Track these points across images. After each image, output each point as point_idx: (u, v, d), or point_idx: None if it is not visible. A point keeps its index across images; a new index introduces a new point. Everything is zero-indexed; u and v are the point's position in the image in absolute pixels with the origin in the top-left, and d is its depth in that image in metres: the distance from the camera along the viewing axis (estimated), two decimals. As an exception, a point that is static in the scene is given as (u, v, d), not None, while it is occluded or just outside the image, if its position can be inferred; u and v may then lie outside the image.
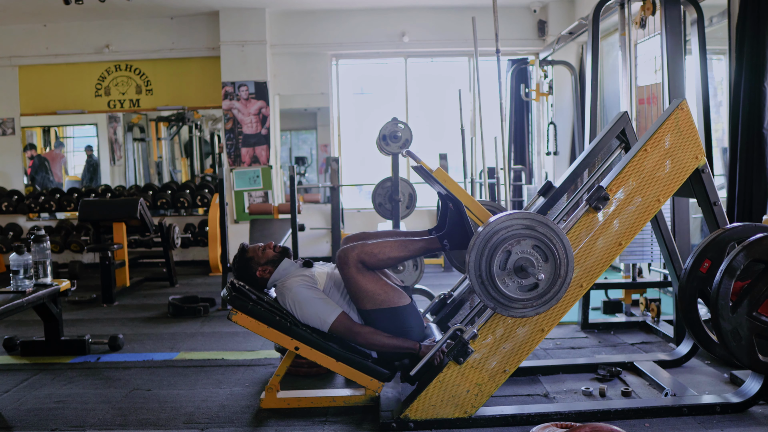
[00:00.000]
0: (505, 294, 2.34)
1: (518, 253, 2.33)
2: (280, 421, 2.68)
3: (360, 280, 2.68)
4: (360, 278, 2.68)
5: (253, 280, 2.94)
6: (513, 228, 2.33)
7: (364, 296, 2.69)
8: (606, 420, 2.56)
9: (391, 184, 5.35)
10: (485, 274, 2.34)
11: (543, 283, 2.34)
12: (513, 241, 2.33)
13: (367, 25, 7.38)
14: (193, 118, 7.91)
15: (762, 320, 2.39)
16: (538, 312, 2.39)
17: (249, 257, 2.95)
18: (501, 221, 2.34)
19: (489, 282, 2.34)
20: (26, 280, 3.48)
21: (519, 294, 2.35)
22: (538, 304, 2.37)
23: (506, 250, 2.33)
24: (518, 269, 2.34)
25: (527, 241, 2.33)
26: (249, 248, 2.98)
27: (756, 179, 3.54)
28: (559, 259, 2.34)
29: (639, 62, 4.90)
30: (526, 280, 2.35)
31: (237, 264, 2.97)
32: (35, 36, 7.48)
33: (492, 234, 2.34)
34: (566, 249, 2.35)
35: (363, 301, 2.70)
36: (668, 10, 3.67)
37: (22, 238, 7.31)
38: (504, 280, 2.34)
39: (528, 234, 2.33)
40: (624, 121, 3.07)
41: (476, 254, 2.34)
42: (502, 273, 2.34)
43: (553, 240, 2.33)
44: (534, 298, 2.36)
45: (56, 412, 2.83)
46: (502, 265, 2.34)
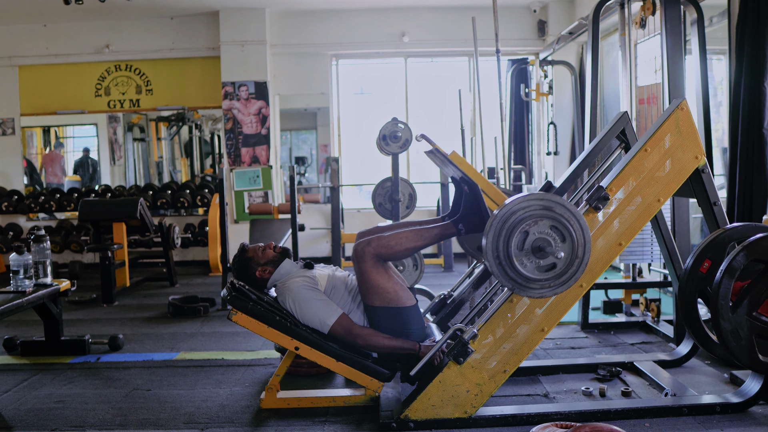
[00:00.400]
0: (522, 274, 2.35)
1: (536, 233, 2.34)
2: (280, 421, 2.68)
3: (374, 275, 2.68)
4: (374, 273, 2.68)
5: (253, 280, 2.94)
6: (530, 208, 2.35)
7: (375, 292, 2.69)
8: (606, 420, 2.56)
9: (391, 184, 5.36)
10: (503, 255, 2.34)
11: (561, 263, 2.35)
12: (530, 222, 2.34)
13: (367, 25, 7.38)
14: (193, 118, 7.91)
15: (762, 320, 2.39)
16: (557, 292, 2.39)
17: (249, 257, 2.95)
18: (518, 202, 2.35)
19: (507, 262, 2.34)
20: (26, 280, 3.48)
21: (537, 274, 2.36)
22: (556, 285, 2.38)
23: (524, 230, 2.34)
24: (536, 249, 2.34)
25: (545, 222, 2.34)
26: (249, 248, 2.98)
27: (756, 179, 3.54)
28: (576, 240, 2.35)
29: (639, 62, 4.90)
30: (544, 261, 2.36)
31: (237, 264, 2.97)
32: (35, 36, 7.48)
33: (509, 214, 2.35)
34: (583, 230, 2.36)
35: (372, 297, 2.70)
36: (668, 10, 3.66)
37: (22, 238, 7.32)
38: (522, 261, 2.35)
39: (545, 214, 2.34)
40: (624, 121, 3.07)
41: (494, 235, 2.35)
42: (519, 253, 2.35)
43: (571, 221, 2.35)
44: (552, 278, 2.37)
45: (56, 412, 2.83)
46: (519, 246, 2.35)
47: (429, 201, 7.36)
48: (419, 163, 7.88)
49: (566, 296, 2.56)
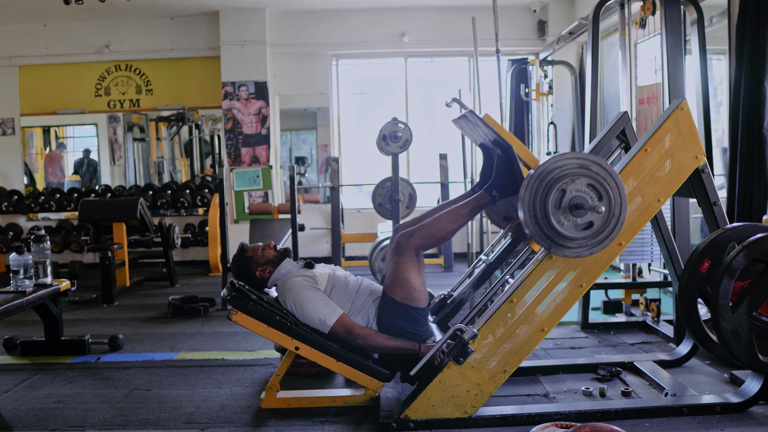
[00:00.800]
0: (559, 232, 2.36)
1: (573, 191, 2.35)
2: (280, 421, 2.68)
3: (409, 269, 2.69)
4: (409, 267, 2.68)
5: (253, 280, 2.94)
6: (568, 167, 2.36)
7: (402, 286, 2.69)
8: (606, 420, 2.56)
9: (391, 184, 5.36)
10: (540, 213, 2.36)
11: (598, 221, 2.36)
12: (568, 180, 2.35)
13: (367, 25, 7.38)
14: (193, 118, 7.91)
15: (762, 320, 2.39)
16: (593, 252, 2.41)
17: (248, 257, 2.94)
18: (555, 161, 2.37)
19: (544, 220, 2.36)
20: (26, 280, 3.48)
21: (574, 233, 2.37)
22: (593, 244, 2.39)
23: (561, 188, 2.35)
24: (573, 207, 2.35)
25: (582, 180, 2.36)
26: (248, 248, 2.97)
27: (756, 179, 3.54)
28: (613, 199, 2.36)
29: (639, 62, 4.90)
30: (581, 219, 2.37)
31: (236, 263, 2.97)
32: (35, 36, 7.48)
33: (547, 173, 2.36)
34: (620, 188, 2.38)
35: (396, 289, 2.70)
36: (668, 10, 3.66)
37: (22, 238, 7.31)
38: (559, 219, 2.36)
39: (583, 173, 2.35)
40: (624, 121, 3.07)
41: (530, 193, 2.36)
42: (557, 212, 2.36)
43: (607, 179, 2.36)
44: (589, 236, 2.38)
45: (56, 412, 2.83)
46: (556, 204, 2.36)
47: (429, 201, 7.35)
48: (419, 163, 7.89)
49: (566, 296, 2.56)
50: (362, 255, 7.31)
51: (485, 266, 3.19)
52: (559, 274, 2.56)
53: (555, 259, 2.55)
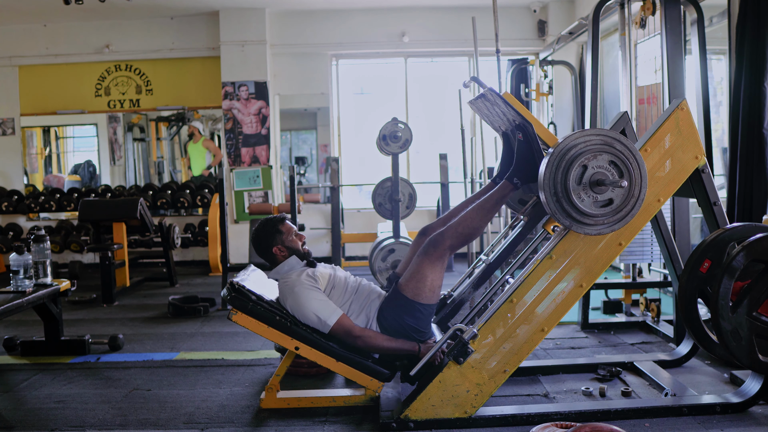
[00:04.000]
0: (580, 209, 2.35)
1: (594, 167, 2.34)
2: (280, 421, 2.68)
3: (433, 269, 2.68)
4: (436, 267, 2.68)
5: (265, 251, 2.92)
6: (590, 143, 2.35)
7: (419, 282, 2.69)
8: (606, 420, 2.56)
9: (391, 184, 5.36)
10: (560, 189, 2.34)
11: (618, 199, 2.36)
12: (589, 155, 2.34)
13: (367, 25, 7.38)
14: (193, 118, 7.91)
15: (762, 320, 2.39)
16: (613, 229, 2.40)
17: (281, 230, 2.93)
18: (577, 137, 2.36)
19: (564, 196, 2.35)
20: (26, 280, 3.48)
21: (594, 209, 2.36)
22: (613, 221, 2.38)
23: (582, 164, 2.34)
24: (594, 183, 2.34)
25: (604, 156, 2.35)
26: (287, 224, 2.96)
27: (756, 179, 3.54)
28: (634, 177, 2.36)
29: (639, 62, 4.90)
30: (602, 195, 2.36)
31: (266, 228, 2.93)
32: (35, 36, 7.48)
33: (569, 148, 2.34)
34: (641, 168, 2.37)
35: (411, 285, 2.70)
36: (668, 10, 3.66)
37: (22, 238, 7.31)
38: (579, 195, 2.35)
39: (605, 149, 2.35)
40: (624, 121, 3.07)
41: (551, 169, 2.35)
42: (577, 187, 2.35)
43: (629, 157, 2.35)
44: (609, 213, 2.37)
45: (56, 412, 2.83)
46: (577, 180, 2.35)
47: (429, 201, 7.35)
48: (419, 163, 7.89)
49: (566, 296, 2.56)
50: (362, 255, 7.31)
51: (485, 266, 3.19)
52: (559, 274, 2.56)
53: (555, 259, 2.55)
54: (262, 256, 2.94)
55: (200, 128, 7.75)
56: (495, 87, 4.84)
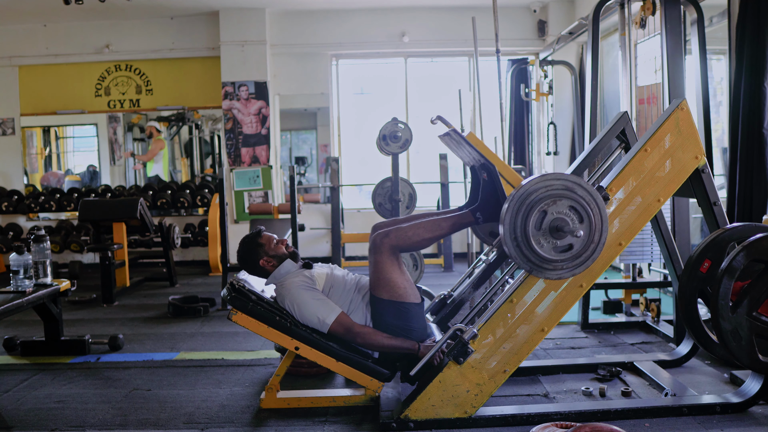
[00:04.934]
0: (539, 254, 2.34)
1: (554, 213, 2.33)
2: (280, 421, 2.68)
3: (387, 267, 2.69)
4: (388, 265, 2.69)
5: (253, 267, 2.94)
6: (551, 188, 2.34)
7: (386, 285, 2.70)
8: (606, 420, 2.56)
9: (391, 184, 5.36)
10: (520, 234, 2.34)
11: (578, 244, 2.34)
12: (549, 201, 2.33)
13: (367, 25, 7.38)
14: (193, 118, 7.91)
15: (762, 320, 2.39)
16: (574, 273, 2.40)
17: (261, 243, 2.94)
18: (537, 181, 2.35)
19: (524, 242, 2.34)
20: (26, 280, 3.48)
21: (553, 255, 2.35)
22: (573, 266, 2.37)
23: (542, 209, 2.33)
24: (553, 229, 2.34)
25: (563, 202, 2.34)
26: (264, 235, 2.97)
27: (756, 179, 3.54)
28: (594, 223, 2.35)
29: (639, 62, 4.90)
30: (561, 241, 2.35)
31: (246, 246, 2.95)
32: (35, 36, 7.48)
33: (529, 194, 2.34)
34: (602, 212, 2.36)
35: (381, 289, 2.70)
36: (668, 10, 3.66)
37: (22, 238, 7.31)
38: (539, 241, 2.34)
39: (565, 194, 2.34)
40: (624, 121, 3.07)
41: (512, 214, 2.34)
42: (537, 233, 2.34)
43: (590, 203, 2.34)
44: (569, 259, 2.36)
45: (56, 412, 2.83)
46: (537, 225, 2.34)
47: (429, 201, 7.35)
48: (419, 163, 7.88)
49: (566, 296, 2.56)
50: (362, 255, 7.31)
51: (485, 266, 3.19)
52: (559, 274, 2.56)
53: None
54: (254, 273, 2.96)
55: (157, 126, 7.73)
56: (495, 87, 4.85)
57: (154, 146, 7.77)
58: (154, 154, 7.74)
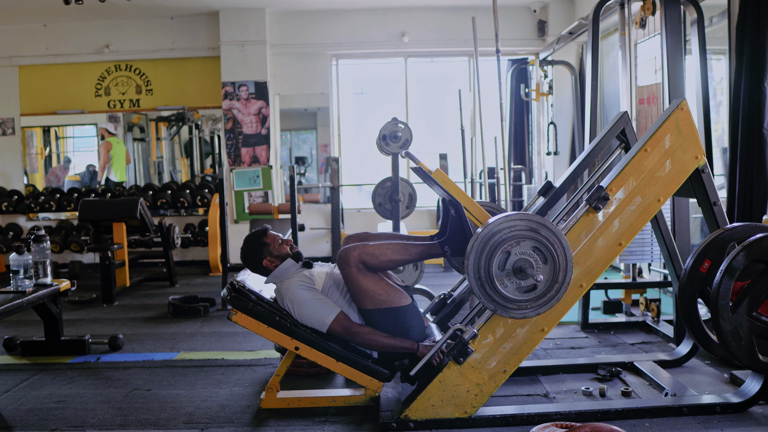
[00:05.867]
0: (503, 295, 2.33)
1: (517, 254, 2.32)
2: (280, 421, 2.68)
3: (361, 280, 2.68)
4: (361, 278, 2.68)
5: (256, 266, 2.93)
6: (514, 229, 2.33)
7: (365, 296, 2.69)
8: (606, 420, 2.56)
9: (391, 184, 5.35)
10: (484, 275, 2.33)
11: (541, 285, 2.34)
12: (513, 242, 2.32)
13: (367, 25, 7.38)
14: (193, 118, 7.91)
15: (762, 320, 2.39)
16: (539, 312, 2.38)
17: (265, 242, 2.92)
18: (501, 222, 2.34)
19: (488, 282, 2.33)
20: (26, 280, 3.48)
21: (517, 295, 2.34)
22: (537, 306, 2.36)
23: (506, 250, 2.32)
24: (517, 270, 2.33)
25: (527, 243, 2.32)
26: (270, 234, 2.96)
27: (756, 179, 3.54)
28: (558, 263, 2.33)
29: (639, 62, 4.90)
30: (525, 282, 2.34)
31: (251, 243, 2.94)
32: (35, 36, 7.48)
33: (492, 234, 2.33)
34: (566, 252, 2.34)
35: (363, 300, 2.70)
36: (668, 10, 3.67)
37: (22, 238, 7.31)
38: (503, 281, 2.33)
39: (528, 235, 2.32)
40: (624, 121, 3.07)
41: (476, 254, 2.33)
42: (501, 274, 2.33)
43: (554, 243, 2.33)
44: (532, 299, 2.35)
45: (56, 412, 2.83)
46: (501, 266, 2.33)
47: (429, 201, 7.35)
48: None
49: (566, 297, 2.56)
50: (362, 255, 7.29)
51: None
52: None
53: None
54: (256, 271, 2.95)
55: (110, 128, 7.69)
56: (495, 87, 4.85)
57: (102, 150, 7.73)
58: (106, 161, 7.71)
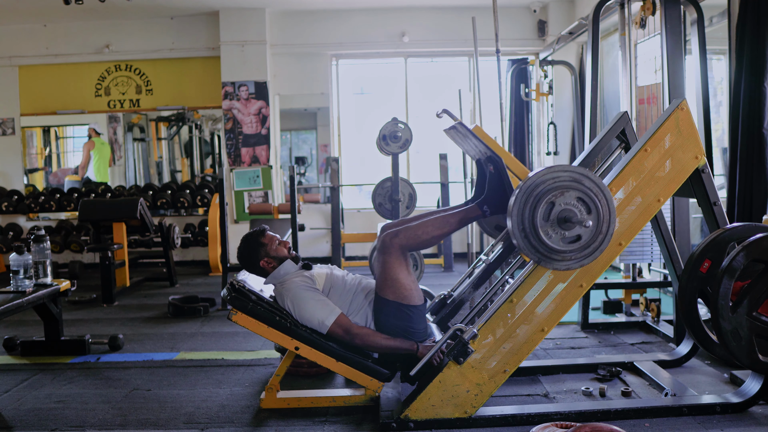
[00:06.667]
0: (547, 245, 2.35)
1: (562, 204, 2.35)
2: (280, 421, 2.68)
3: (396, 268, 2.69)
4: (397, 266, 2.69)
5: (253, 267, 2.93)
6: (558, 179, 2.35)
7: (392, 285, 2.70)
8: (606, 420, 2.56)
9: (391, 184, 5.35)
10: (528, 225, 2.35)
11: (586, 235, 2.36)
12: (557, 192, 2.34)
13: (367, 25, 7.38)
14: (193, 118, 7.91)
15: (762, 320, 2.39)
16: (582, 264, 2.41)
17: (263, 243, 2.92)
18: (544, 173, 2.36)
19: (532, 233, 2.35)
20: (26, 280, 3.48)
21: (561, 245, 2.36)
22: (581, 257, 2.39)
23: (550, 201, 2.34)
24: (561, 220, 2.35)
25: (571, 193, 2.35)
26: (268, 234, 2.95)
27: (756, 179, 3.54)
28: (602, 214, 2.36)
29: (639, 62, 4.90)
30: (569, 232, 2.36)
31: (248, 244, 2.93)
32: (35, 36, 7.48)
33: (536, 185, 2.35)
34: (609, 203, 2.37)
35: (387, 289, 2.70)
36: (668, 10, 3.66)
37: (22, 238, 7.31)
38: (547, 231, 2.35)
39: (572, 186, 2.35)
40: (624, 121, 3.07)
41: (519, 205, 2.35)
42: (545, 224, 2.35)
43: (597, 194, 2.35)
44: (576, 250, 2.37)
45: (56, 412, 2.83)
46: (545, 216, 2.35)
47: (429, 201, 7.35)
48: (419, 163, 7.88)
49: (566, 296, 2.56)
50: (362, 255, 7.31)
51: (485, 266, 3.19)
52: (559, 274, 2.56)
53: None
54: (252, 271, 2.95)
55: (96, 128, 7.70)
56: (495, 87, 4.85)
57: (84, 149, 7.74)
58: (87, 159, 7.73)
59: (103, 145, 7.75)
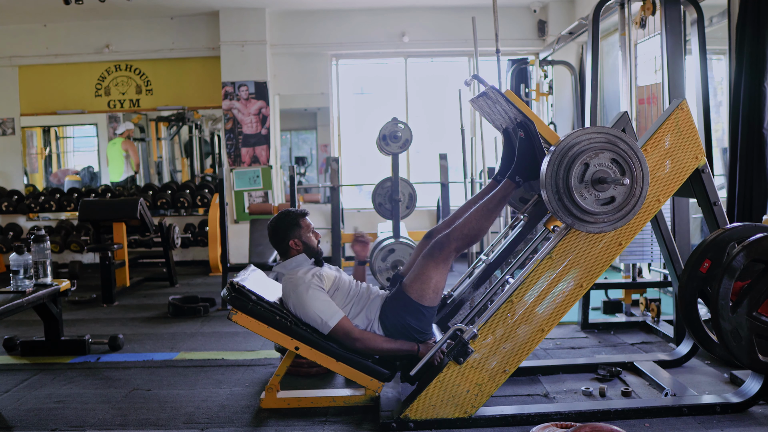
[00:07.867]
0: (581, 206, 2.36)
1: (596, 165, 2.34)
2: (280, 421, 2.68)
3: (435, 272, 2.69)
4: (442, 268, 2.69)
5: (279, 242, 2.92)
6: (593, 141, 2.35)
7: (424, 284, 2.69)
8: (606, 420, 2.56)
9: (391, 184, 5.35)
10: (562, 186, 2.35)
11: (620, 197, 2.36)
12: (591, 153, 2.34)
13: (367, 25, 7.38)
14: (193, 118, 7.91)
15: (762, 320, 2.39)
16: (615, 227, 2.41)
17: (300, 224, 2.94)
18: (578, 135, 2.36)
19: (566, 194, 2.35)
20: (26, 280, 3.48)
21: (595, 207, 2.37)
22: (614, 219, 2.39)
23: (584, 162, 2.34)
24: (596, 181, 2.35)
25: (605, 154, 2.35)
26: (307, 219, 2.98)
27: (756, 179, 3.54)
28: (636, 176, 2.36)
29: (639, 62, 4.90)
30: (604, 194, 2.36)
31: (286, 219, 2.93)
32: (35, 36, 7.48)
33: (571, 146, 2.35)
34: (642, 166, 2.38)
35: (416, 286, 2.70)
36: (668, 10, 3.66)
37: (22, 238, 7.31)
38: (581, 192, 2.36)
39: (607, 147, 2.35)
40: (624, 121, 3.07)
41: (553, 167, 2.35)
42: (579, 185, 2.35)
43: (632, 156, 2.35)
44: (610, 211, 2.38)
45: (56, 412, 2.83)
46: (579, 178, 2.35)
47: (429, 201, 7.35)
48: (419, 163, 7.88)
49: (566, 296, 2.56)
50: (362, 255, 7.29)
51: (485, 266, 3.19)
52: (559, 274, 2.56)
53: (555, 259, 2.55)
54: (276, 246, 2.94)
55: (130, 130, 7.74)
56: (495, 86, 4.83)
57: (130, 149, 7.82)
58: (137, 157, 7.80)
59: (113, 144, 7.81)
